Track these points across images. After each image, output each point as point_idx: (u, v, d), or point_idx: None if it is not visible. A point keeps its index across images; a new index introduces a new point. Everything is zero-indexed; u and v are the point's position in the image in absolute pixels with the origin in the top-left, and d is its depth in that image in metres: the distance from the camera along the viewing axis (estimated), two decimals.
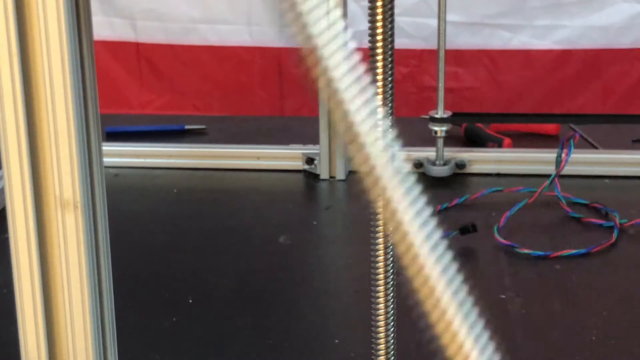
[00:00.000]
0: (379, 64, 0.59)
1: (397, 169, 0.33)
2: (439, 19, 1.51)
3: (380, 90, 0.60)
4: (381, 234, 0.65)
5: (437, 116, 1.52)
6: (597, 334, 1.07)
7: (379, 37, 0.59)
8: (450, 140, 1.56)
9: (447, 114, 1.52)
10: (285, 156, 1.57)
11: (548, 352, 1.04)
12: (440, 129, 1.51)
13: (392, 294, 0.67)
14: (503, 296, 1.14)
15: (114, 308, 0.71)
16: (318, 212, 1.49)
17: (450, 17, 1.57)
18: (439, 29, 1.51)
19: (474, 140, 1.65)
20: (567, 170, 1.39)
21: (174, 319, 1.11)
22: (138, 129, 1.72)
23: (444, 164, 1.52)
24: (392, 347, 0.68)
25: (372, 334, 0.67)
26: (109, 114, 1.79)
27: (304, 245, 1.32)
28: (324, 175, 1.54)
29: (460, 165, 1.53)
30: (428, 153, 1.53)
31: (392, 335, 0.68)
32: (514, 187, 1.42)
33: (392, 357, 0.68)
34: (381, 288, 0.66)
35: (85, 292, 0.67)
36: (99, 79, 0.65)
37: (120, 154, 1.57)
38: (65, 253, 0.67)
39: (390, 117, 0.61)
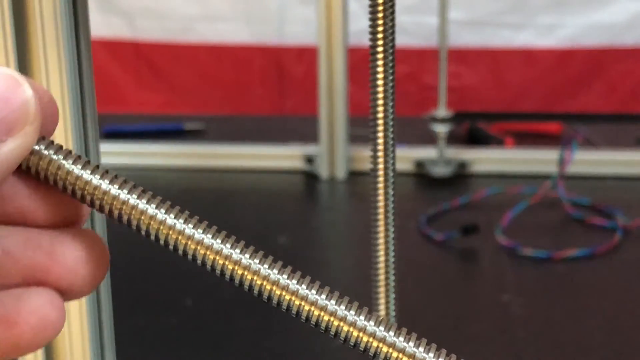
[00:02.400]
0: (380, 63, 0.59)
1: None
2: (440, 17, 1.50)
3: (381, 89, 0.59)
4: (381, 234, 0.64)
5: (438, 116, 1.51)
6: (601, 336, 1.06)
7: (380, 36, 0.58)
8: (452, 140, 1.55)
9: (449, 113, 1.51)
10: (285, 156, 1.56)
11: (551, 355, 1.04)
12: (441, 129, 1.50)
13: (392, 296, 0.66)
14: (505, 298, 1.13)
15: (112, 309, 0.70)
16: (318, 213, 1.49)
17: (451, 15, 1.56)
18: (440, 28, 1.50)
19: (475, 139, 1.64)
20: (570, 170, 1.39)
21: (173, 321, 1.10)
22: (136, 129, 1.71)
23: (446, 164, 1.51)
24: None
25: None
26: (106, 113, 1.78)
27: (303, 245, 1.31)
28: (324, 175, 1.53)
29: (462, 165, 1.52)
30: (429, 153, 1.52)
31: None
32: (516, 188, 1.41)
33: None
34: (382, 289, 0.65)
35: None
36: (96, 78, 0.64)
37: (118, 154, 1.56)
38: None
39: (392, 117, 0.60)
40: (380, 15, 0.57)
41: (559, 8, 1.98)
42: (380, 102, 0.59)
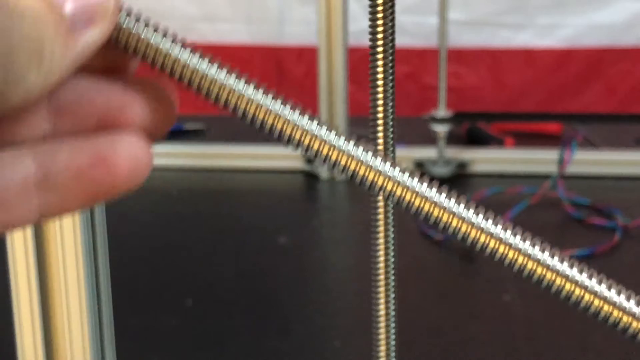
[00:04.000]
0: (380, 63, 0.59)
1: None
2: (440, 17, 1.50)
3: (381, 89, 0.59)
4: (381, 234, 0.64)
5: (438, 116, 1.51)
6: (600, 336, 1.06)
7: (380, 36, 0.58)
8: (452, 140, 1.55)
9: (449, 113, 1.51)
10: (285, 156, 1.56)
11: (550, 355, 1.04)
12: (441, 129, 1.50)
13: (392, 295, 0.66)
14: (505, 298, 1.14)
15: (112, 310, 0.70)
16: (318, 213, 1.49)
17: (451, 15, 1.56)
18: (440, 28, 1.51)
19: (475, 140, 1.64)
20: (570, 170, 1.39)
21: (173, 321, 1.10)
22: None
23: (446, 164, 1.51)
24: (393, 349, 0.67)
25: (373, 336, 0.67)
26: None
27: (303, 246, 1.31)
28: (324, 175, 1.53)
29: (462, 165, 1.52)
30: (429, 153, 1.52)
31: (393, 337, 0.67)
32: (516, 188, 1.41)
33: (393, 359, 0.67)
34: (381, 289, 0.65)
35: (83, 293, 0.67)
36: None
37: None
38: (63, 254, 0.66)
39: (392, 117, 0.60)
40: (380, 15, 0.57)
41: (559, 8, 1.98)
42: (380, 102, 0.59)
